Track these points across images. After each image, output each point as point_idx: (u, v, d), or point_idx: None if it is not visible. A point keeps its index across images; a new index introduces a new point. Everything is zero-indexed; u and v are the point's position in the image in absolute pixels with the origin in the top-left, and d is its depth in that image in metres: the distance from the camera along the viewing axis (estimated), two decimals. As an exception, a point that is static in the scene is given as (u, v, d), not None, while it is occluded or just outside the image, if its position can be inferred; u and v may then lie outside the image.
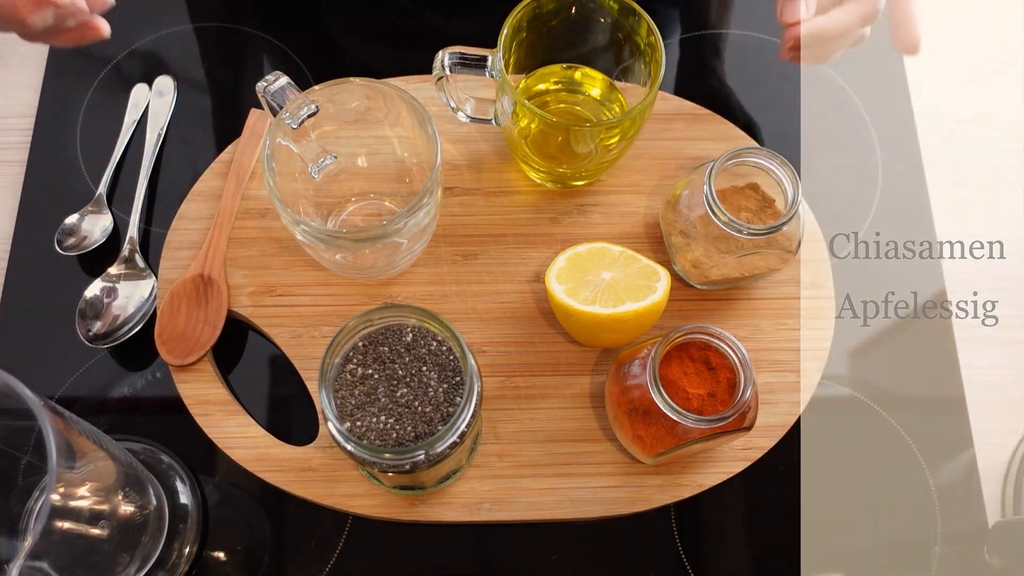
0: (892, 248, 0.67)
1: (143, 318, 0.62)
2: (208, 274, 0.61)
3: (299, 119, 0.55)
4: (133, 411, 0.61)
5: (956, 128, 0.72)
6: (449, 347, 0.50)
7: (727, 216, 0.55)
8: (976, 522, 0.60)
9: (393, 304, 0.54)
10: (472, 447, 0.57)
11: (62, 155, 0.68)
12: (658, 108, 0.67)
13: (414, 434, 0.48)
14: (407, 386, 0.49)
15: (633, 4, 0.58)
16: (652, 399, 0.51)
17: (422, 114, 0.55)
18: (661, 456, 0.54)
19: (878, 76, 0.73)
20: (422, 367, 0.50)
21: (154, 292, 0.63)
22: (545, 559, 0.58)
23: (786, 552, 0.59)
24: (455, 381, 0.50)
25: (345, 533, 0.59)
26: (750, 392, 0.51)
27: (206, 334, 0.60)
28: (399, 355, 0.50)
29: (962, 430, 0.62)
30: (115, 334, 0.62)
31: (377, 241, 0.54)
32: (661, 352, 0.52)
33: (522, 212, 0.64)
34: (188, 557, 0.57)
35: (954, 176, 0.70)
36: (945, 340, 0.65)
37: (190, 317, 0.60)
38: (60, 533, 0.44)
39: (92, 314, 0.62)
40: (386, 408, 0.49)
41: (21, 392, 0.41)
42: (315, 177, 0.58)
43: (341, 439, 0.47)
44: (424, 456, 0.47)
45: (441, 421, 0.49)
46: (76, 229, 0.64)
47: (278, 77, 0.55)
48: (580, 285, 0.57)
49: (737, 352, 0.52)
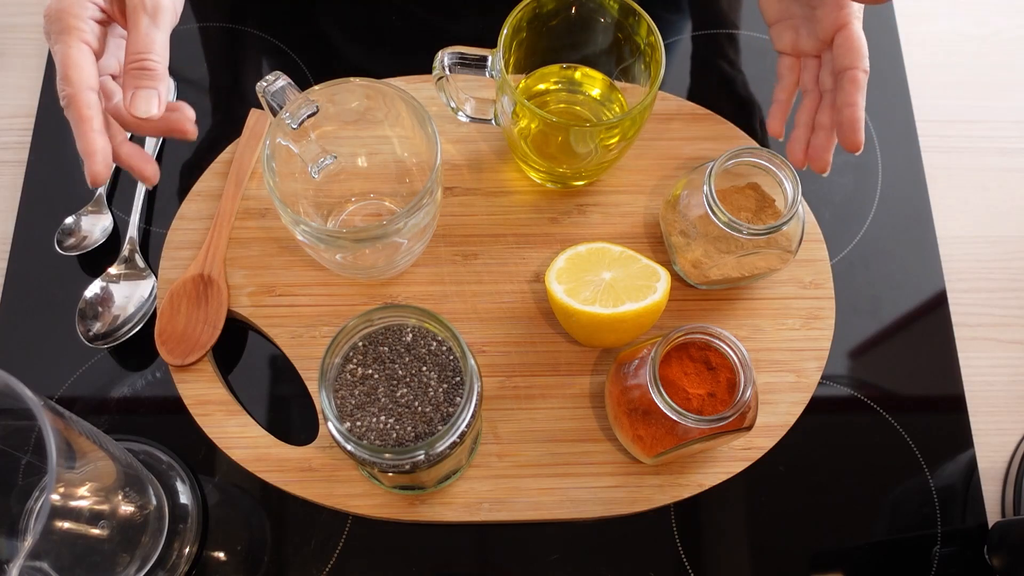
0: (892, 248, 0.67)
1: (143, 318, 0.62)
2: (208, 274, 0.61)
3: (299, 119, 0.55)
4: (133, 411, 0.61)
5: (956, 128, 0.72)
6: (449, 347, 0.50)
7: (727, 216, 0.55)
8: (976, 522, 0.60)
9: (393, 304, 0.54)
10: (472, 447, 0.57)
11: (62, 155, 0.68)
12: (658, 108, 0.67)
13: (414, 434, 0.48)
14: (407, 386, 0.49)
15: (633, 4, 0.58)
16: (652, 399, 0.51)
17: (422, 114, 0.55)
18: (661, 456, 0.54)
19: (878, 76, 0.73)
20: (422, 367, 0.50)
21: (154, 292, 0.63)
22: (545, 559, 0.58)
23: (786, 552, 0.59)
24: (455, 381, 0.50)
25: (345, 533, 0.59)
26: (750, 392, 0.51)
27: (206, 334, 0.60)
28: (399, 355, 0.50)
29: (962, 430, 0.62)
30: (115, 334, 0.62)
31: (377, 241, 0.54)
32: (661, 352, 0.52)
33: (522, 212, 0.64)
34: (188, 557, 0.57)
35: (954, 176, 0.70)
36: (945, 340, 0.65)
37: (190, 317, 0.60)
38: (60, 533, 0.44)
39: (92, 314, 0.62)
40: (386, 408, 0.49)
41: (21, 392, 0.41)
42: (315, 177, 0.58)
43: (341, 439, 0.47)
44: (424, 456, 0.47)
45: (441, 421, 0.49)
46: (76, 229, 0.64)
47: (278, 77, 0.55)
48: (580, 285, 0.57)
49: (737, 352, 0.52)
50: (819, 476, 0.61)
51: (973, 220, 0.69)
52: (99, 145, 0.50)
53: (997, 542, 0.59)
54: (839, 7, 0.58)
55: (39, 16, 0.70)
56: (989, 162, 0.71)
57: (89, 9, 0.51)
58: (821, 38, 0.60)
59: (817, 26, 0.60)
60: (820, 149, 0.60)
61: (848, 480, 0.61)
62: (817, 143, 0.60)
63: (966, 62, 0.75)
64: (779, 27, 0.63)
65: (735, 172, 0.60)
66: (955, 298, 0.66)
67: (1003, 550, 0.58)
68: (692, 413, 0.51)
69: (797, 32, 0.62)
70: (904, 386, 0.64)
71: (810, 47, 0.62)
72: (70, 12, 0.51)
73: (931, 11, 0.77)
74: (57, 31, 0.51)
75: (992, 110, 0.73)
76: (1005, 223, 0.69)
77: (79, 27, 0.51)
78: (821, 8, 0.59)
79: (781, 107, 0.63)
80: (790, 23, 0.63)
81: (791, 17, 0.63)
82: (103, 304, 0.62)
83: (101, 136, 0.50)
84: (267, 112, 0.56)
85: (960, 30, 0.76)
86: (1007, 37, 0.76)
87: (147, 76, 0.50)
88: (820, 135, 0.60)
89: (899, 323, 0.65)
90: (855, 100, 0.58)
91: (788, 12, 0.63)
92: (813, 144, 0.61)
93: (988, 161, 0.71)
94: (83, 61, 0.50)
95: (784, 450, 0.59)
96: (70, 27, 0.50)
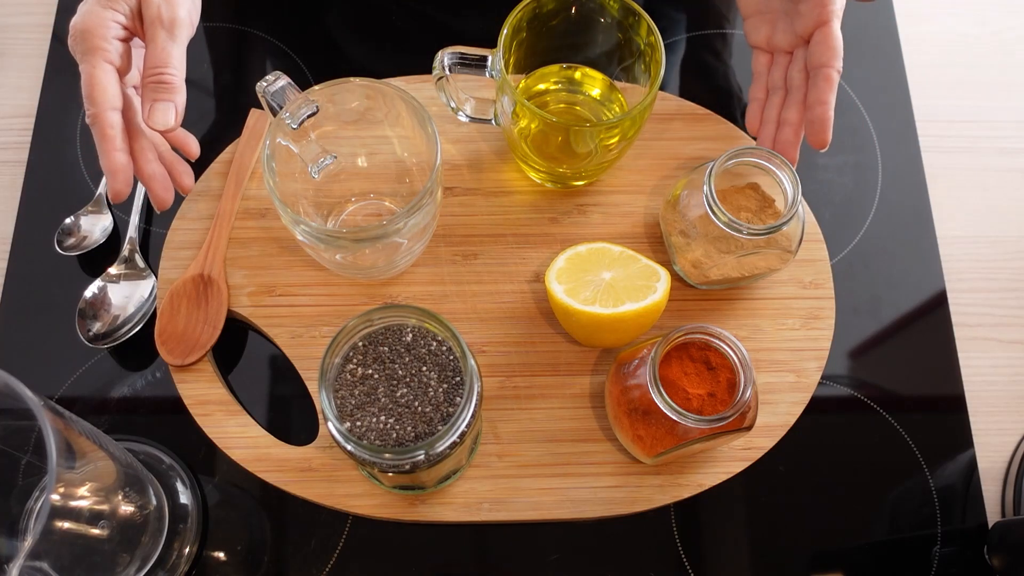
0: (892, 248, 0.67)
1: (143, 318, 0.62)
2: (208, 274, 0.61)
3: (299, 119, 0.55)
4: (133, 411, 0.61)
5: (956, 128, 0.72)
6: (449, 347, 0.50)
7: (727, 216, 0.55)
8: (976, 522, 0.60)
9: (393, 304, 0.54)
10: (472, 447, 0.57)
11: (62, 155, 0.68)
12: (658, 108, 0.67)
13: (414, 434, 0.48)
14: (407, 386, 0.49)
15: (633, 4, 0.58)
16: (652, 399, 0.51)
17: (422, 114, 0.55)
18: (661, 456, 0.54)
19: (878, 76, 0.73)
20: (422, 367, 0.50)
21: (154, 292, 0.63)
22: (545, 559, 0.58)
23: (786, 552, 0.59)
24: (455, 381, 0.50)
25: (345, 533, 0.59)
26: (750, 392, 0.51)
27: (206, 334, 0.60)
28: (399, 355, 0.50)
29: (962, 430, 0.62)
30: (115, 334, 0.62)
31: (377, 241, 0.54)
32: (661, 352, 0.52)
33: (522, 212, 0.64)
34: (188, 557, 0.57)
35: (954, 176, 0.70)
36: (945, 340, 0.65)
37: (190, 317, 0.60)
38: (60, 533, 0.44)
39: (92, 314, 0.62)
40: (386, 408, 0.49)
41: (21, 392, 0.41)
42: (315, 177, 0.58)
43: (341, 439, 0.47)
44: (424, 456, 0.47)
45: (441, 421, 0.49)
46: (76, 229, 0.64)
47: (278, 77, 0.55)
48: (580, 285, 0.57)
49: (737, 352, 0.52)
50: (819, 476, 0.61)
51: (973, 220, 0.69)
52: (121, 164, 0.52)
53: (997, 542, 0.59)
54: (823, 4, 0.58)
55: (39, 16, 0.70)
56: (989, 162, 0.71)
57: (113, 29, 0.52)
58: (799, 33, 0.60)
59: (797, 20, 0.60)
60: (787, 145, 0.61)
61: (848, 480, 0.61)
62: (784, 139, 0.61)
63: (966, 62, 0.75)
64: (756, 20, 0.64)
65: (735, 172, 0.60)
66: (955, 298, 0.66)
67: (1003, 550, 0.58)
68: (692, 413, 0.51)
69: (774, 27, 0.62)
70: (904, 386, 0.64)
71: (785, 43, 0.62)
72: (95, 33, 0.52)
73: (931, 11, 0.77)
74: (82, 51, 0.52)
75: (992, 110, 0.73)
76: (1005, 223, 0.69)
77: (103, 47, 0.52)
78: (805, 3, 0.59)
79: (759, 105, 0.64)
80: (768, 16, 0.63)
81: (770, 11, 0.63)
82: (103, 304, 0.62)
83: (123, 155, 0.52)
84: (267, 112, 0.56)
85: (960, 30, 0.76)
86: (1007, 37, 0.76)
87: (165, 89, 0.52)
88: (787, 130, 0.61)
89: (899, 323, 0.65)
90: (827, 99, 0.58)
91: (768, 5, 0.63)
92: (779, 140, 0.61)
93: (988, 161, 0.71)
94: (107, 81, 0.52)
95: (784, 450, 0.59)
96: (95, 48, 0.52)
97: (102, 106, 0.51)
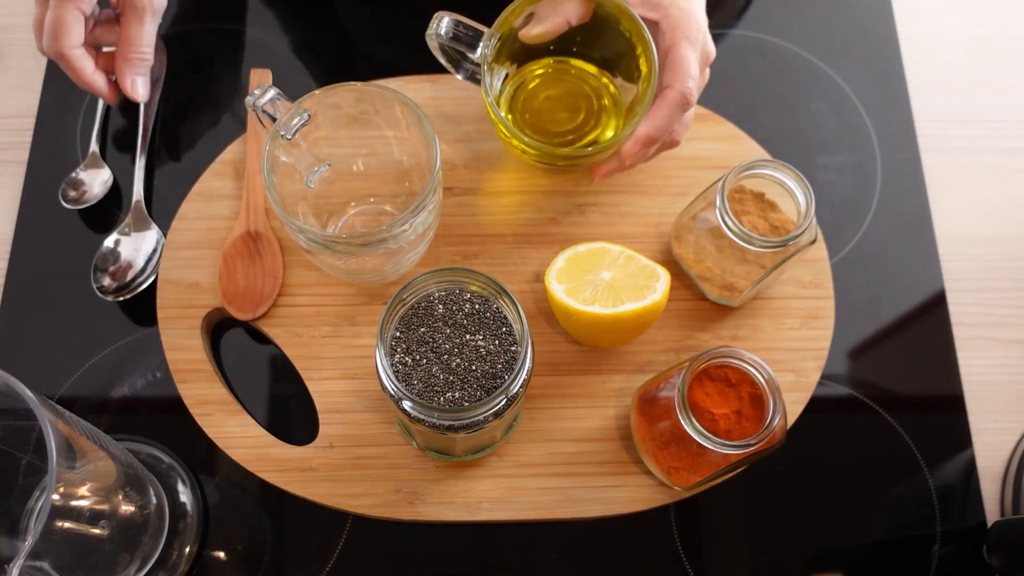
0: (891, 248, 0.67)
1: (153, 270, 0.63)
2: (254, 229, 0.62)
3: (292, 130, 0.54)
4: (133, 411, 0.61)
5: (956, 128, 0.72)
6: (506, 316, 0.51)
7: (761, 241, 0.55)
8: (975, 521, 0.60)
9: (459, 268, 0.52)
10: (510, 424, 0.57)
11: (62, 155, 0.68)
12: (658, 108, 0.67)
13: (473, 393, 0.49)
14: (462, 352, 0.50)
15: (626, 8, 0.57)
16: (682, 429, 0.50)
17: (419, 115, 0.55)
18: (699, 486, 0.54)
19: (878, 76, 0.73)
20: (477, 333, 0.50)
21: (159, 244, 0.64)
22: (545, 559, 0.58)
23: (786, 552, 0.59)
24: (511, 350, 0.50)
25: (345, 533, 0.59)
26: (779, 418, 0.50)
27: (268, 285, 0.61)
28: (458, 320, 0.51)
29: (961, 430, 0.63)
30: (129, 287, 0.63)
31: (381, 245, 0.53)
32: (688, 378, 0.51)
33: (522, 212, 0.65)
34: (188, 557, 0.57)
35: (953, 176, 0.70)
36: (944, 340, 0.65)
37: (248, 273, 0.61)
38: (60, 533, 0.44)
39: (104, 267, 0.63)
40: (442, 362, 0.50)
41: (21, 392, 0.41)
42: (310, 186, 0.58)
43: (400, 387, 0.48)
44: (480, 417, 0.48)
45: (492, 386, 0.49)
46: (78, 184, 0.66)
47: (265, 89, 0.54)
48: (580, 285, 0.57)
49: (764, 374, 0.51)
50: (819, 476, 0.61)
51: (973, 220, 0.69)
52: (101, 84, 0.63)
53: (996, 541, 0.59)
54: (671, 27, 0.56)
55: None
56: (989, 162, 0.71)
57: None
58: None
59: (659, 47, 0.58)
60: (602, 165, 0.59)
61: (848, 480, 0.61)
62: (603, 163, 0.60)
63: (966, 62, 0.75)
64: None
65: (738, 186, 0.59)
66: (954, 298, 0.66)
67: (1002, 549, 0.58)
68: (721, 438, 0.50)
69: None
70: (903, 386, 0.64)
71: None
72: None
73: (931, 11, 0.77)
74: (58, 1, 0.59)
75: (992, 110, 0.73)
76: (1005, 223, 0.69)
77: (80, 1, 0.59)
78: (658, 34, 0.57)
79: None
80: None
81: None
82: (115, 258, 0.64)
83: (100, 75, 0.62)
84: (259, 126, 0.55)
85: (960, 30, 0.76)
86: (1007, 37, 0.76)
87: (143, 66, 0.63)
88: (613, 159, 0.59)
89: (898, 323, 0.65)
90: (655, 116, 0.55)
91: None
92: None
93: (988, 161, 0.71)
94: (75, 27, 0.60)
95: (784, 450, 0.59)
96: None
97: (66, 45, 0.59)
